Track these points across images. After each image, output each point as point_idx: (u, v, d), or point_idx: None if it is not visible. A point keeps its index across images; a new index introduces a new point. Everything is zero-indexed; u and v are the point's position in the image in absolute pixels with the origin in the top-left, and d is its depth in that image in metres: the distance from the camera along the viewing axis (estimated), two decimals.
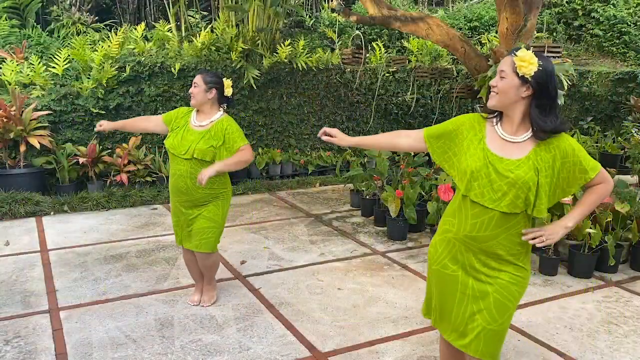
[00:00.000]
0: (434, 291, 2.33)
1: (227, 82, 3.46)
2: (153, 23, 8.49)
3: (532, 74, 1.98)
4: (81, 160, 6.16)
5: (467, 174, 2.09)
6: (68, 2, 8.82)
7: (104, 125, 3.53)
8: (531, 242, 2.09)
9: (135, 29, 7.30)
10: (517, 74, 2.00)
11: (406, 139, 2.34)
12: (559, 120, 2.03)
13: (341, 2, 6.25)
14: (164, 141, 3.46)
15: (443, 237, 2.25)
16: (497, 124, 2.14)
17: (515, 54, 2.02)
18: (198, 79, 3.36)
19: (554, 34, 11.27)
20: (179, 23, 7.90)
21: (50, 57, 7.29)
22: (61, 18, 8.36)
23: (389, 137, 2.40)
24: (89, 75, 6.66)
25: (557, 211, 4.60)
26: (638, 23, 11.21)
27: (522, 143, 2.08)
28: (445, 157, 2.23)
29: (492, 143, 2.11)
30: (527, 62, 1.98)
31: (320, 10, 10.70)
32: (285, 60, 7.46)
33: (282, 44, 7.47)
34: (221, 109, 3.46)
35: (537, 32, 9.29)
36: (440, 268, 2.25)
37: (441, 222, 2.31)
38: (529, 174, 2.01)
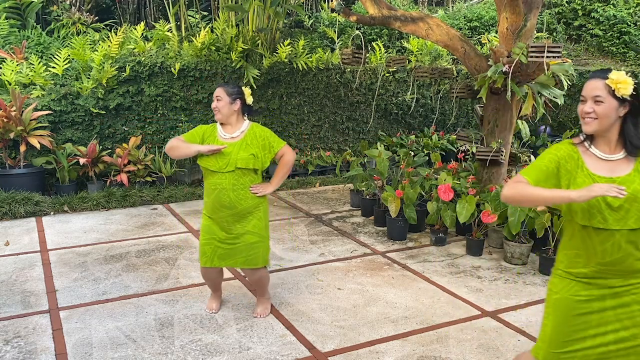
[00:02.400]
0: (551, 321, 2.19)
1: (247, 91, 3.42)
2: (153, 23, 8.49)
3: (631, 92, 2.01)
4: (81, 160, 6.16)
5: (585, 204, 2.03)
6: (68, 2, 8.82)
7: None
8: None
9: (135, 29, 7.30)
10: (615, 96, 2.02)
11: None
12: None
13: (341, 2, 6.24)
14: (198, 161, 3.31)
15: (570, 270, 2.14)
16: (590, 147, 2.10)
17: (607, 77, 2.02)
18: (221, 92, 3.29)
19: (554, 34, 11.27)
20: (179, 23, 7.90)
21: (50, 57, 7.29)
22: (61, 18, 8.36)
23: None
24: (89, 75, 6.66)
25: (557, 211, 4.60)
26: (638, 23, 11.21)
27: (623, 159, 2.07)
28: None
29: (594, 166, 2.08)
30: (625, 82, 2.00)
31: (320, 10, 10.71)
32: (285, 60, 7.47)
33: (282, 44, 7.48)
34: (245, 118, 3.42)
35: (537, 32, 9.29)
36: (569, 295, 2.12)
37: (561, 256, 2.20)
38: None
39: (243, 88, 3.42)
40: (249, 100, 3.41)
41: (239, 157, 3.25)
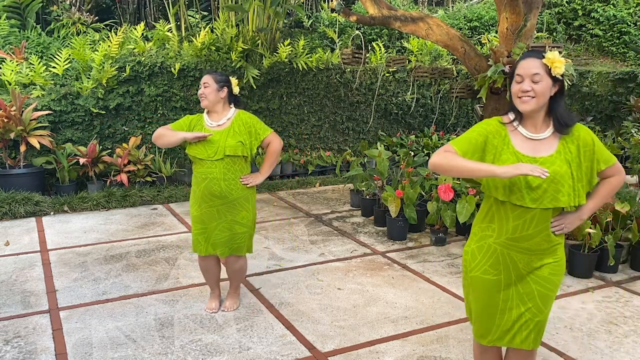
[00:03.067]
0: (472, 301, 2.33)
1: (234, 81, 3.45)
2: (153, 23, 8.49)
3: (562, 72, 2.08)
4: (81, 160, 6.16)
5: (507, 181, 2.09)
6: (68, 2, 8.82)
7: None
8: (553, 229, 2.15)
9: (135, 29, 7.30)
10: (551, 75, 2.08)
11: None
12: (570, 111, 2.16)
13: (341, 2, 6.24)
14: (187, 149, 3.32)
15: (481, 244, 2.25)
16: (518, 126, 2.17)
17: (544, 56, 2.08)
18: (208, 79, 3.30)
19: (554, 34, 11.27)
20: (179, 23, 7.90)
21: (50, 57, 7.29)
22: (61, 18, 8.36)
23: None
24: (89, 75, 6.66)
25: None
26: (638, 23, 11.21)
27: (547, 139, 2.14)
28: None
29: (519, 145, 2.15)
30: (560, 62, 2.06)
31: (320, 10, 10.70)
32: (285, 60, 7.47)
33: (282, 44, 7.48)
34: (231, 106, 3.43)
35: (537, 32, 9.30)
36: (480, 274, 2.25)
37: (476, 229, 2.30)
38: (564, 168, 2.09)
39: (231, 78, 3.44)
40: (236, 90, 3.44)
41: (227, 145, 3.25)
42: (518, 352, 2.33)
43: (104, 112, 6.57)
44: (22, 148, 5.97)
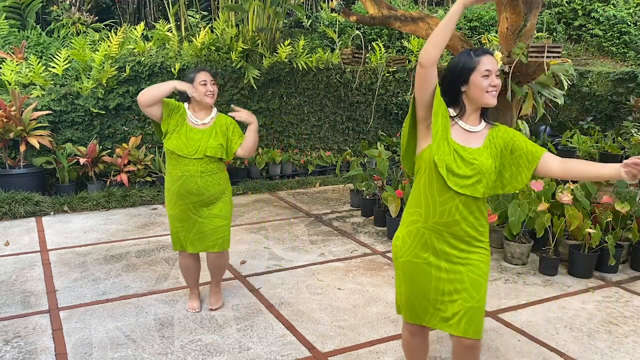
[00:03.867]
0: (403, 285, 2.38)
1: None
2: (153, 23, 8.49)
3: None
4: (81, 160, 6.16)
5: (442, 161, 2.16)
6: (68, 2, 8.82)
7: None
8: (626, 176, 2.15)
9: (135, 29, 7.30)
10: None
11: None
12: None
13: (341, 2, 6.24)
14: (166, 142, 3.29)
15: (410, 229, 2.31)
16: (458, 121, 2.26)
17: (494, 53, 2.21)
18: (210, 76, 3.30)
19: (554, 34, 11.27)
20: (178, 23, 7.90)
21: (50, 57, 7.29)
22: (61, 18, 8.36)
23: None
24: (89, 75, 6.66)
25: (557, 211, 4.60)
26: (638, 23, 11.21)
27: (480, 132, 2.26)
28: (429, 130, 2.24)
29: (455, 134, 2.24)
30: (500, 60, 2.22)
31: (320, 10, 10.70)
32: (285, 60, 7.47)
33: (282, 44, 7.48)
34: (213, 106, 3.44)
35: (537, 32, 9.29)
36: (411, 258, 2.31)
37: (405, 214, 2.37)
38: (490, 160, 2.20)
39: None
40: None
41: (208, 145, 3.27)
42: (461, 344, 2.32)
43: (104, 112, 6.57)
44: (22, 148, 5.97)
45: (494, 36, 9.52)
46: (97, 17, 8.82)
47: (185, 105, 3.38)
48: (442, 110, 2.19)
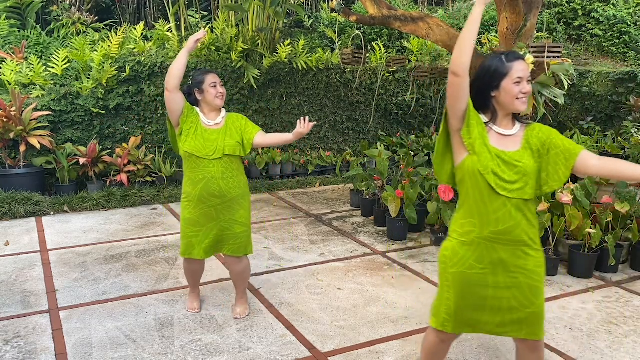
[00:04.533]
0: (453, 297, 2.30)
1: None
2: (153, 23, 8.49)
3: None
4: (81, 160, 6.16)
5: (488, 169, 2.15)
6: (68, 2, 8.82)
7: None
8: None
9: (135, 29, 7.30)
10: None
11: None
12: None
13: (341, 2, 6.24)
14: (182, 146, 3.23)
15: (464, 240, 2.26)
16: (493, 126, 2.25)
17: (524, 58, 2.18)
18: (219, 78, 3.30)
19: (554, 34, 11.27)
20: (178, 23, 7.90)
21: (50, 57, 7.29)
22: (61, 18, 8.36)
23: None
24: (89, 75, 6.66)
25: (557, 211, 4.60)
26: (638, 23, 11.21)
27: (516, 134, 2.25)
28: (464, 142, 2.22)
29: (492, 140, 2.23)
30: (531, 64, 2.21)
31: (320, 10, 10.70)
32: (285, 60, 7.47)
33: (282, 44, 7.48)
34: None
35: (537, 32, 9.29)
36: (464, 270, 2.25)
37: (455, 225, 2.31)
38: (532, 161, 2.19)
39: None
40: None
41: (226, 144, 3.25)
42: (525, 346, 2.36)
43: (104, 112, 6.57)
44: (22, 148, 5.97)
45: (494, 36, 9.52)
46: (97, 17, 8.82)
47: (197, 109, 3.36)
48: (476, 119, 2.19)
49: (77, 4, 8.92)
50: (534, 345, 2.35)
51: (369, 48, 9.06)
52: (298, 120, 3.30)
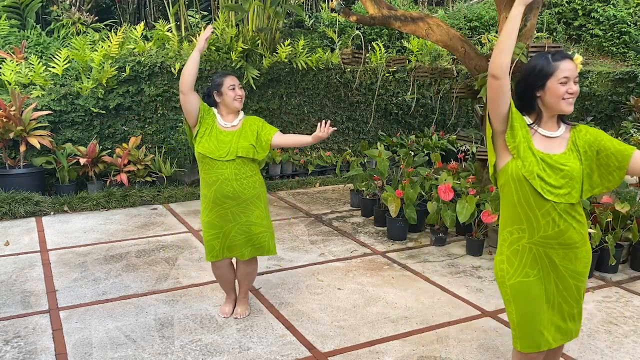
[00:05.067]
0: (516, 311, 2.23)
1: None
2: (153, 23, 8.49)
3: None
4: (81, 160, 6.16)
5: (533, 173, 2.11)
6: (68, 2, 8.82)
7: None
8: None
9: (135, 29, 7.30)
10: None
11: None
12: None
13: (341, 2, 6.24)
14: (197, 147, 3.22)
15: (515, 248, 2.20)
16: (538, 129, 2.19)
17: (574, 57, 2.13)
18: (237, 80, 3.29)
19: (554, 34, 11.27)
20: (178, 23, 7.90)
21: (50, 57, 7.29)
22: (61, 18, 8.36)
23: None
24: (89, 75, 6.66)
25: None
26: (638, 23, 11.21)
27: (561, 136, 2.18)
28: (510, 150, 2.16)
29: (536, 142, 2.17)
30: (580, 64, 2.15)
31: (320, 10, 10.70)
32: (285, 60, 7.47)
33: (282, 44, 7.47)
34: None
35: (537, 32, 9.29)
36: (521, 279, 2.20)
37: (504, 235, 2.25)
38: (578, 164, 2.14)
39: None
40: None
41: (239, 146, 3.24)
42: (556, 349, 2.40)
43: (104, 112, 6.57)
44: (22, 148, 5.97)
45: (494, 36, 9.51)
46: (97, 17, 8.81)
47: (214, 109, 3.34)
48: (520, 121, 2.14)
49: (77, 4, 8.91)
50: (562, 347, 2.35)
51: (369, 48, 9.06)
52: (318, 124, 3.29)
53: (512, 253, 2.21)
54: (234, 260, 3.55)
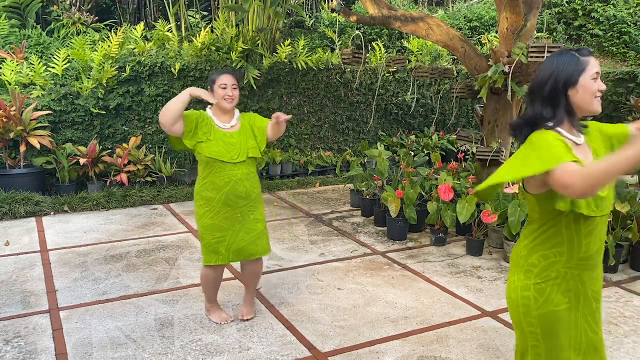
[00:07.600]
0: (543, 344, 1.98)
1: None
2: (153, 23, 8.49)
3: None
4: (81, 160, 6.16)
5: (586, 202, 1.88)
6: (68, 2, 8.82)
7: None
8: None
9: (135, 29, 7.30)
10: None
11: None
12: None
13: (341, 2, 6.24)
14: (204, 151, 3.12)
15: (547, 274, 1.94)
16: (569, 134, 1.91)
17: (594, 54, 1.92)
18: (235, 80, 3.22)
19: (554, 34, 11.27)
20: (179, 23, 7.91)
21: (50, 57, 7.29)
22: (61, 18, 8.36)
23: None
24: (89, 75, 6.66)
25: None
26: (638, 23, 11.21)
27: (584, 142, 1.95)
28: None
29: (576, 153, 1.92)
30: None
31: (320, 10, 10.70)
32: (285, 60, 7.47)
33: (282, 44, 7.48)
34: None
35: (537, 32, 9.29)
36: (552, 308, 1.94)
37: (534, 258, 1.96)
38: None
39: None
40: None
41: (249, 147, 3.23)
42: None
43: (104, 112, 6.57)
44: (22, 148, 5.97)
45: (494, 36, 9.52)
46: (97, 17, 8.82)
47: (208, 110, 3.28)
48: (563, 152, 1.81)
49: (77, 4, 8.91)
50: None
51: (369, 48, 9.06)
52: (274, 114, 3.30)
53: (544, 279, 1.94)
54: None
